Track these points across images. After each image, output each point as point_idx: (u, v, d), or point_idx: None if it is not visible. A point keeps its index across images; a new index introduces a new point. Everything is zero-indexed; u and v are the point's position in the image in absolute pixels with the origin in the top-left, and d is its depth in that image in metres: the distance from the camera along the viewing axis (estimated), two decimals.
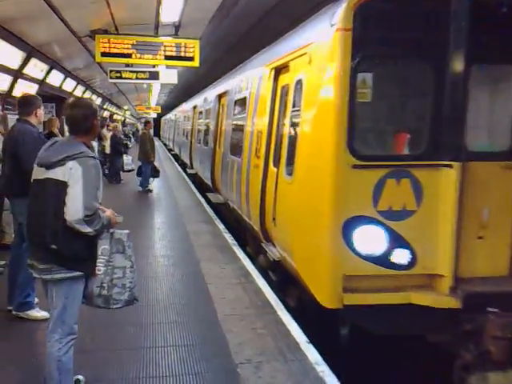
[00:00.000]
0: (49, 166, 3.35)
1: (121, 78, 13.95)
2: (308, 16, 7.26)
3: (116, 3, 9.26)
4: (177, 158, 26.72)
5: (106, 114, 31.29)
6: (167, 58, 11.42)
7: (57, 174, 3.32)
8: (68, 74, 15.08)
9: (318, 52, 5.17)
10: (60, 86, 15.10)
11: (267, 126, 6.90)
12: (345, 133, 4.63)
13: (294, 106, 5.98)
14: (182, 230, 9.88)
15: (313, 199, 5.05)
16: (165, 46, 11.33)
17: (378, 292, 4.73)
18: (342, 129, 4.63)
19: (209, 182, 12.85)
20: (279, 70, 6.79)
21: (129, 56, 11.37)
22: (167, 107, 44.70)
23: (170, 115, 37.70)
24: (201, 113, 16.50)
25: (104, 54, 11.32)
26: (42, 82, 12.65)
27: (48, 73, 12.87)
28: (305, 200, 5.22)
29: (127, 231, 3.66)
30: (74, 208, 3.25)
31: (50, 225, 3.31)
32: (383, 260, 4.76)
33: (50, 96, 15.35)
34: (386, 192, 4.70)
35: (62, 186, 3.29)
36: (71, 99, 3.93)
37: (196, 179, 16.75)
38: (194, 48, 11.36)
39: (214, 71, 16.09)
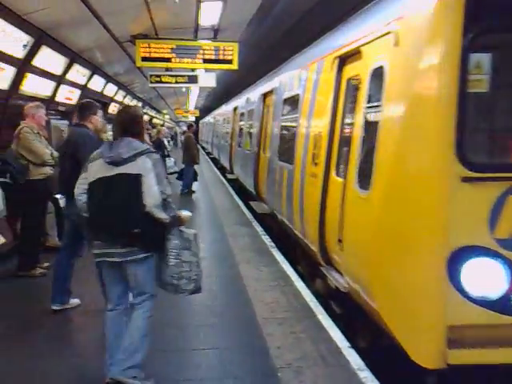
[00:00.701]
0: (119, 163, 3.64)
1: (160, 82, 13.82)
2: (353, 13, 6.34)
3: (156, 8, 8.94)
4: (215, 161, 25.92)
5: (145, 118, 31.73)
6: (206, 61, 11.09)
7: (129, 168, 3.64)
8: (109, 79, 14.91)
9: (411, 29, 3.86)
10: (101, 91, 14.72)
11: (328, 127, 5.60)
12: (452, 134, 3.40)
13: (369, 101, 4.58)
14: (221, 232, 9.55)
15: (404, 222, 3.74)
16: (203, 50, 11.00)
17: (494, 347, 3.49)
18: (447, 129, 3.41)
19: (251, 189, 11.71)
20: (344, 60, 5.46)
21: (168, 60, 11.04)
22: (205, 110, 44.82)
23: (209, 118, 37.39)
24: (242, 114, 15.33)
25: (144, 59, 11.12)
26: (83, 87, 12.70)
27: (90, 78, 12.92)
28: (391, 222, 3.91)
29: (194, 231, 3.97)
30: (152, 195, 3.62)
31: (131, 212, 3.62)
32: (502, 304, 3.52)
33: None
34: (508, 213, 3.45)
35: (137, 178, 3.62)
36: (121, 107, 4.24)
37: (236, 185, 15.78)
38: (232, 51, 10.96)
39: (252, 73, 15.93)
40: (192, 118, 44.45)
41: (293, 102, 7.98)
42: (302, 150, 6.78)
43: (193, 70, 14.19)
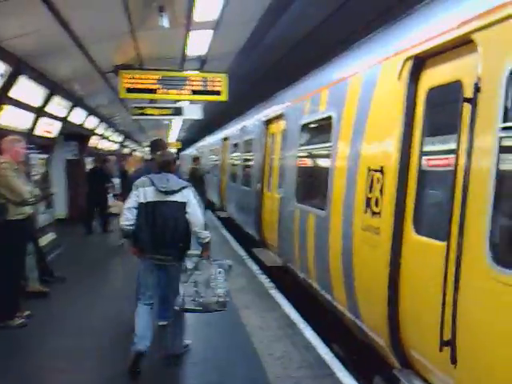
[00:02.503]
0: (170, 193, 4.80)
1: (144, 114, 13.28)
2: (342, 46, 5.99)
3: (142, 36, 8.50)
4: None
5: (126, 150, 31.09)
6: (194, 92, 10.50)
7: (177, 197, 4.81)
8: (90, 111, 14.62)
9: None
10: (82, 124, 14.35)
11: (397, 160, 3.98)
12: None
13: (506, 120, 2.96)
14: None
15: None
16: (191, 81, 10.46)
17: None
18: None
19: (253, 233, 10.15)
20: (422, 61, 3.90)
21: (154, 91, 10.43)
22: (187, 142, 44.54)
23: (191, 150, 37.19)
24: (235, 145, 13.95)
25: (129, 90, 10.54)
26: (64, 120, 12.22)
27: (71, 110, 12.45)
28: None
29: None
30: (198, 217, 4.82)
31: (181, 230, 4.80)
32: None
33: (73, 134, 14.96)
34: None
35: (183, 205, 4.80)
36: (161, 152, 5.36)
37: (228, 223, 14.35)
38: (221, 82, 10.43)
39: (240, 104, 15.60)
40: (173, 151, 43.82)
41: (319, 127, 6.53)
42: (344, 191, 5.14)
43: (175, 101, 13.74)
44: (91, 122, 15.27)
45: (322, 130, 6.33)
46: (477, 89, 3.14)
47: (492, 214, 2.90)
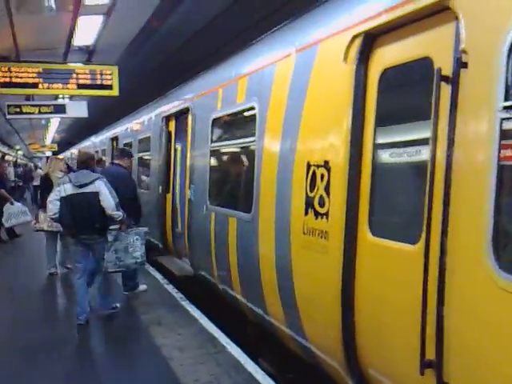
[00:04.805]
0: (83, 186, 5.86)
1: (21, 113, 12.16)
2: (234, 42, 5.91)
3: (22, 22, 7.81)
4: None
5: None
6: (80, 86, 9.86)
7: (90, 188, 5.87)
8: None
9: None
10: None
11: (347, 151, 3.42)
12: None
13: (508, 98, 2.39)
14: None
15: None
16: (77, 74, 9.78)
17: None
18: None
19: (156, 241, 9.07)
20: (373, 39, 3.37)
21: (34, 86, 9.65)
22: (64, 144, 42.22)
23: (70, 152, 35.05)
24: (127, 145, 12.57)
25: (4, 85, 9.50)
26: None
27: None
28: None
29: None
30: (109, 201, 5.85)
31: (96, 214, 5.86)
32: None
33: None
34: None
35: (96, 194, 5.85)
36: (80, 151, 6.73)
37: None
38: (111, 75, 9.88)
39: (132, 101, 14.65)
40: (49, 153, 41.51)
41: (237, 120, 5.97)
42: (276, 190, 4.49)
43: (56, 98, 12.71)
44: None
45: (241, 123, 5.78)
46: (460, 64, 2.60)
47: (494, 210, 2.40)
